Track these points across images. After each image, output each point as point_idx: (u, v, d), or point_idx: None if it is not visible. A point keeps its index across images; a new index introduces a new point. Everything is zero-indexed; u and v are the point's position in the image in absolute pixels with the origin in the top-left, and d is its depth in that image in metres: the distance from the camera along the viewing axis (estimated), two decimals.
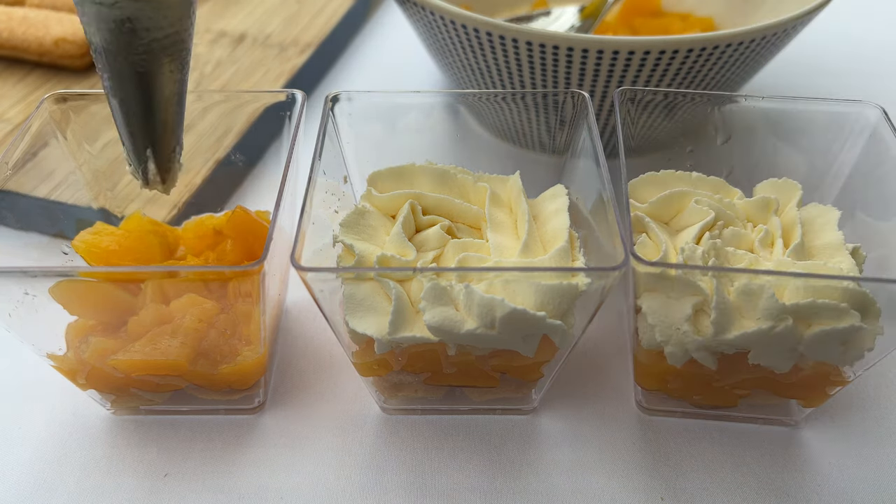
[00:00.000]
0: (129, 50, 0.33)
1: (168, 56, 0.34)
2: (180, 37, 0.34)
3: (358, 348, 0.37)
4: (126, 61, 0.33)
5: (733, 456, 0.40)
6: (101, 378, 0.38)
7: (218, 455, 0.40)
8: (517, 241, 0.38)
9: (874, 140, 0.42)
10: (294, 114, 0.43)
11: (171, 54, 0.34)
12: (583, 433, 0.41)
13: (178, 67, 0.35)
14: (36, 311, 0.35)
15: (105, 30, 0.32)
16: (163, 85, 0.34)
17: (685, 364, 0.37)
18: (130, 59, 0.33)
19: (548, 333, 0.34)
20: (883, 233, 0.40)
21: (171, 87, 0.35)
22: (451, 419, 0.42)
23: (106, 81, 0.34)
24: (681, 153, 0.46)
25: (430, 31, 0.54)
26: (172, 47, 0.34)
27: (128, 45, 0.33)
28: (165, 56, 0.34)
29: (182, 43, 0.34)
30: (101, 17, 0.32)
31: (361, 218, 0.39)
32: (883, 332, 0.34)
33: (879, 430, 0.41)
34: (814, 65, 0.74)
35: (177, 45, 0.34)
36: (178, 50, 0.34)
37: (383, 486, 0.38)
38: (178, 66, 0.35)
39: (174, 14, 0.33)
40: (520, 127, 0.53)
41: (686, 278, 0.35)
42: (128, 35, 0.32)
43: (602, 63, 0.48)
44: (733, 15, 0.66)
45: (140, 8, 0.32)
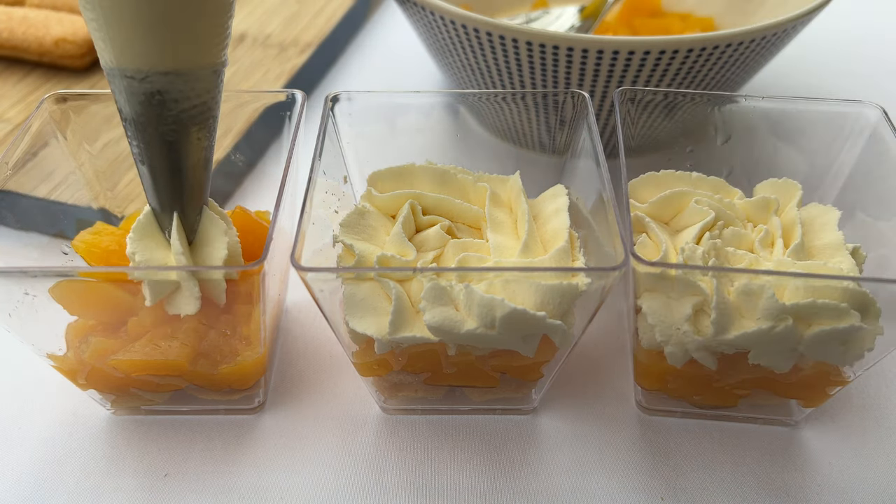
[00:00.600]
0: (159, 121, 0.33)
1: (196, 125, 0.34)
2: (208, 106, 0.35)
3: (358, 348, 0.37)
4: (156, 131, 0.34)
5: (733, 456, 0.40)
6: (101, 378, 0.38)
7: (218, 455, 0.40)
8: (517, 241, 0.38)
9: (874, 140, 0.42)
10: (294, 114, 0.43)
11: (198, 123, 0.34)
12: (583, 433, 0.41)
13: (205, 135, 0.35)
14: (36, 311, 0.35)
15: (136, 102, 0.33)
16: (190, 152, 0.35)
17: (685, 364, 0.37)
18: (160, 129, 0.34)
19: (548, 333, 0.34)
20: (883, 233, 0.40)
21: (199, 153, 0.35)
22: (451, 419, 0.42)
23: (135, 149, 0.35)
24: (681, 153, 0.46)
25: (430, 31, 0.54)
26: (200, 116, 0.34)
27: (157, 116, 0.33)
28: (193, 125, 0.34)
29: (210, 111, 0.35)
30: (131, 90, 0.33)
31: (361, 218, 0.39)
32: (883, 332, 0.34)
33: (879, 430, 0.41)
34: (814, 65, 0.74)
35: (204, 114, 0.35)
36: (206, 118, 0.35)
37: (383, 486, 0.38)
38: (206, 133, 0.35)
39: (203, 86, 0.34)
40: (520, 127, 0.53)
41: (686, 278, 0.35)
42: (158, 107, 0.33)
43: (602, 63, 0.48)
44: (733, 15, 0.66)
45: (170, 81, 0.32)
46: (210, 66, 0.33)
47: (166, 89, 0.33)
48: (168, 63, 0.32)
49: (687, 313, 0.35)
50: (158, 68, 0.32)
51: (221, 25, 0.33)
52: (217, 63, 0.34)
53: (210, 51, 0.33)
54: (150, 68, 0.32)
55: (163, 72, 0.32)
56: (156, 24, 0.31)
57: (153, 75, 0.32)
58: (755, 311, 0.34)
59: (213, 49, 0.33)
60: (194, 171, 0.36)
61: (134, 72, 0.32)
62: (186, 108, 0.34)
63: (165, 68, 0.32)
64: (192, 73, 0.33)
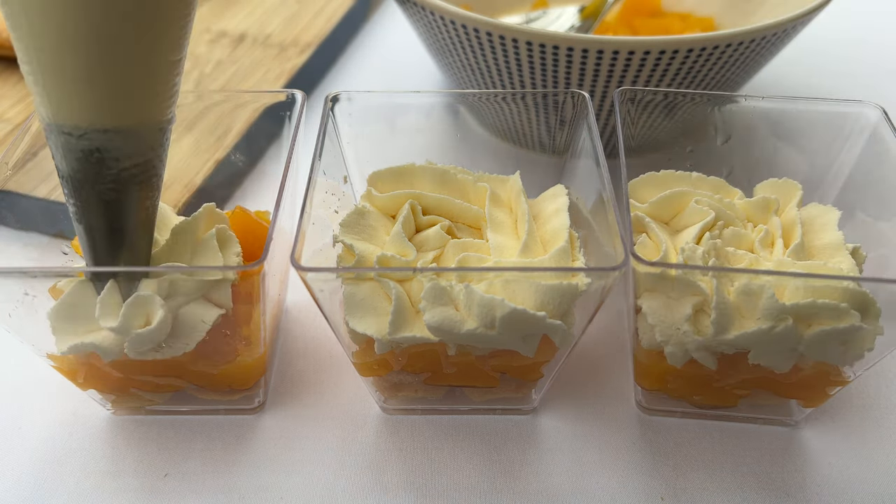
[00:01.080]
0: (97, 179, 0.31)
1: (137, 184, 0.32)
2: (152, 164, 0.33)
3: (358, 348, 0.37)
4: (93, 190, 0.32)
5: (733, 456, 0.40)
6: (101, 378, 0.38)
7: (218, 455, 0.40)
8: (517, 241, 0.38)
9: (874, 140, 0.42)
10: (294, 114, 0.43)
11: (140, 182, 0.33)
12: (583, 433, 0.41)
13: (148, 194, 0.33)
14: (36, 311, 0.35)
15: (73, 159, 0.31)
16: (131, 212, 0.33)
17: (685, 364, 0.37)
18: (98, 188, 0.32)
19: (548, 333, 0.34)
20: (883, 233, 0.40)
21: (141, 213, 0.34)
22: (451, 419, 0.42)
23: (71, 207, 0.33)
24: (681, 153, 0.46)
25: (430, 31, 0.54)
26: (142, 175, 0.32)
27: (96, 175, 0.31)
28: (135, 184, 0.32)
29: (154, 169, 0.33)
30: (68, 146, 0.31)
31: (361, 218, 0.39)
32: (883, 332, 0.34)
33: (879, 430, 0.41)
34: (814, 65, 0.74)
35: (147, 172, 0.33)
36: (149, 177, 0.33)
37: (383, 486, 0.38)
38: (149, 192, 0.33)
39: (146, 143, 0.32)
40: (520, 127, 0.53)
41: (686, 278, 0.35)
42: (96, 165, 0.31)
43: (602, 63, 0.48)
44: (733, 15, 0.66)
45: (110, 139, 0.30)
46: (155, 125, 0.32)
47: (106, 147, 0.31)
48: (108, 120, 0.30)
49: (687, 313, 0.35)
50: (97, 125, 0.30)
51: (168, 83, 0.31)
52: (162, 121, 0.32)
53: (155, 108, 0.31)
54: (88, 125, 0.30)
55: (102, 129, 0.30)
56: (96, 79, 0.29)
57: (91, 132, 0.30)
58: (755, 311, 0.34)
59: (158, 107, 0.31)
60: (135, 232, 0.34)
61: (71, 128, 0.30)
62: (128, 167, 0.32)
63: (104, 126, 0.30)
64: (134, 130, 0.31)
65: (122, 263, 0.34)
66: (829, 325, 0.33)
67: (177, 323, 0.35)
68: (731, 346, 0.35)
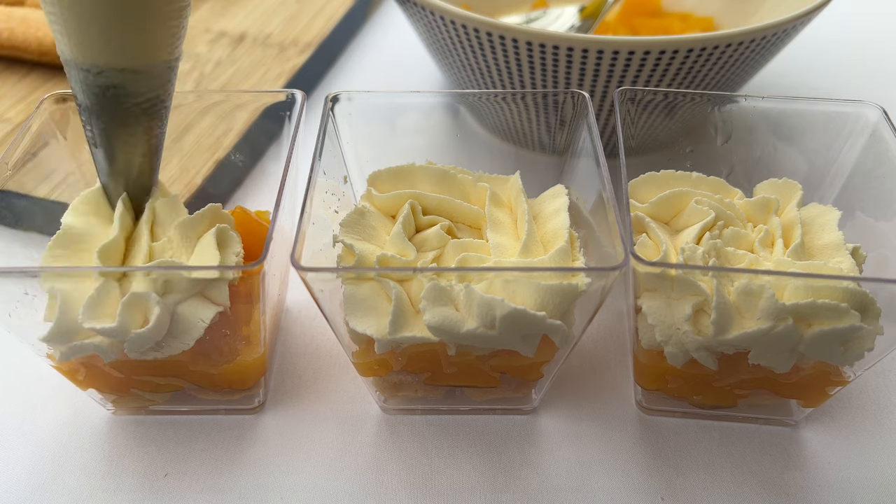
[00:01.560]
0: (113, 111, 0.34)
1: (148, 116, 0.35)
2: (160, 98, 0.36)
3: (358, 348, 0.37)
4: (109, 120, 0.35)
5: (733, 456, 0.40)
6: (101, 378, 0.38)
7: (218, 455, 0.40)
8: (517, 241, 0.38)
9: (874, 140, 0.42)
10: (294, 114, 0.43)
11: (151, 114, 0.36)
12: (583, 433, 0.41)
13: (157, 124, 0.36)
14: (36, 311, 0.35)
15: (90, 94, 0.34)
16: (143, 140, 0.36)
17: (685, 364, 0.37)
18: (114, 118, 0.35)
19: (548, 333, 0.34)
20: (883, 233, 0.40)
21: (152, 140, 0.37)
22: (451, 419, 0.42)
23: (88, 132, 0.36)
24: (681, 153, 0.46)
25: (430, 31, 0.54)
26: (153, 109, 0.35)
27: (112, 107, 0.34)
28: (146, 116, 0.35)
29: (162, 103, 0.36)
30: (86, 82, 0.33)
31: (361, 218, 0.39)
32: (883, 332, 0.34)
33: (879, 430, 0.41)
34: (814, 65, 0.74)
35: (156, 106, 0.36)
36: (158, 109, 0.36)
37: (383, 486, 0.38)
38: (158, 122, 0.36)
39: (157, 81, 0.35)
40: (520, 127, 0.53)
41: (686, 278, 0.35)
42: (112, 100, 0.34)
43: (602, 63, 0.48)
44: (733, 15, 0.66)
45: (125, 77, 0.33)
46: (165, 63, 0.34)
47: (121, 84, 0.33)
48: (124, 60, 0.33)
49: (687, 313, 0.35)
50: (114, 65, 0.33)
51: (178, 25, 0.34)
52: (171, 59, 0.35)
53: (166, 48, 0.34)
54: (105, 64, 0.33)
55: (118, 68, 0.33)
56: (113, 23, 0.31)
57: (108, 71, 0.33)
58: (755, 311, 0.34)
59: (168, 46, 0.34)
60: (146, 157, 0.37)
61: (90, 66, 0.33)
62: (140, 102, 0.35)
63: (121, 65, 0.33)
64: (146, 69, 0.34)
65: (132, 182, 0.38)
66: (829, 325, 0.33)
67: (175, 321, 0.35)
68: (731, 346, 0.35)
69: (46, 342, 0.35)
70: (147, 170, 0.38)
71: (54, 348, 0.35)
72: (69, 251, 0.36)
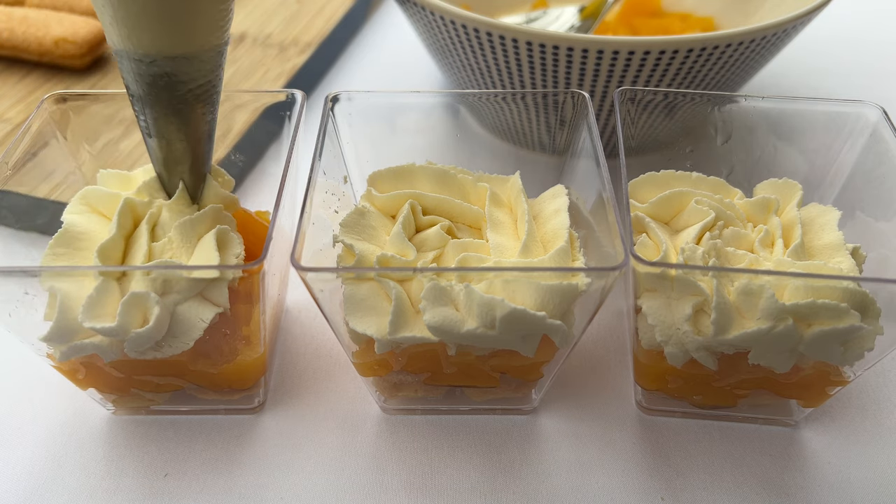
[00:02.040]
0: (167, 99, 0.35)
1: (201, 102, 0.36)
2: (212, 83, 0.36)
3: (358, 348, 0.37)
4: (162, 108, 0.35)
5: (733, 456, 0.40)
6: (101, 378, 0.38)
7: (218, 455, 0.40)
8: (517, 241, 0.38)
9: (874, 140, 0.42)
10: (294, 114, 0.43)
11: (204, 100, 0.36)
12: (583, 433, 0.41)
13: (209, 109, 0.37)
14: (36, 311, 0.35)
15: (143, 83, 0.34)
16: (195, 126, 0.36)
17: (685, 364, 0.37)
18: (166, 106, 0.35)
19: (548, 333, 0.34)
20: (883, 233, 0.40)
21: (203, 126, 0.37)
22: (451, 419, 0.42)
23: (142, 122, 0.36)
24: (681, 153, 0.46)
25: (430, 31, 0.54)
26: (205, 94, 0.36)
27: (165, 96, 0.34)
28: (198, 102, 0.36)
29: (214, 88, 0.36)
30: (139, 71, 0.34)
31: (361, 218, 0.39)
32: (883, 332, 0.34)
33: (879, 430, 0.41)
34: (814, 65, 0.74)
35: (209, 91, 0.36)
36: (210, 94, 0.36)
37: (383, 486, 0.38)
38: (210, 108, 0.37)
39: (208, 66, 0.35)
40: (520, 127, 0.53)
41: (686, 278, 0.35)
42: (165, 88, 0.34)
43: (602, 63, 0.48)
44: (733, 15, 0.66)
45: (178, 65, 0.33)
46: (215, 48, 0.34)
47: (174, 72, 0.34)
48: (176, 48, 0.33)
49: (687, 313, 0.35)
50: (166, 53, 0.33)
51: (226, 8, 0.34)
52: (221, 43, 0.35)
53: (216, 33, 0.34)
54: (157, 53, 0.33)
55: (171, 56, 0.33)
56: (165, 11, 0.31)
57: (161, 59, 0.33)
58: (755, 311, 0.34)
59: (218, 31, 0.34)
60: (199, 143, 0.37)
61: (142, 56, 0.33)
62: (193, 88, 0.35)
63: (174, 53, 0.33)
64: (198, 55, 0.34)
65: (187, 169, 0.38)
66: (829, 325, 0.33)
67: (175, 321, 0.35)
68: (731, 346, 0.35)
69: (46, 342, 0.35)
70: (201, 156, 0.38)
71: (54, 348, 0.35)
72: (70, 249, 0.36)
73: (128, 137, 0.50)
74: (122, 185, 0.41)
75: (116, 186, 0.41)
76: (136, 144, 0.51)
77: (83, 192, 0.39)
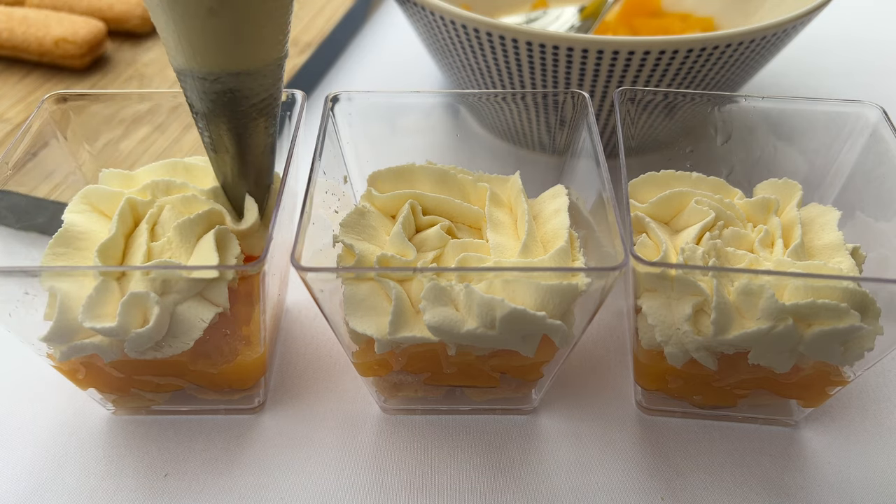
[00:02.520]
0: (230, 115, 0.35)
1: (263, 115, 0.36)
2: (273, 97, 0.36)
3: (358, 348, 0.37)
4: (227, 123, 0.35)
5: (733, 456, 0.40)
6: (101, 378, 0.38)
7: (218, 455, 0.40)
8: (517, 241, 0.38)
9: (874, 140, 0.42)
10: (294, 114, 0.43)
11: (266, 113, 0.36)
12: (583, 433, 0.41)
13: (271, 123, 0.37)
14: (36, 311, 0.35)
15: (207, 100, 0.34)
16: (258, 140, 0.37)
17: (685, 364, 0.37)
18: (231, 122, 0.35)
19: (548, 333, 0.34)
20: (883, 233, 0.40)
21: (266, 139, 0.37)
22: (451, 419, 0.42)
23: (206, 139, 0.37)
24: (681, 153, 0.46)
25: (430, 31, 0.54)
26: (267, 108, 0.36)
27: (229, 111, 0.35)
28: (262, 116, 0.36)
29: (275, 101, 0.37)
30: (203, 89, 0.34)
31: (361, 218, 0.39)
32: (883, 332, 0.34)
33: (879, 430, 0.41)
34: (814, 65, 0.74)
35: (270, 105, 0.36)
36: (272, 108, 0.37)
37: (383, 486, 0.38)
38: (272, 121, 0.37)
39: (269, 81, 0.35)
40: (520, 127, 0.53)
41: (686, 278, 0.35)
42: (229, 104, 0.35)
43: (602, 63, 0.48)
44: (733, 15, 0.66)
45: (241, 81, 0.34)
46: (275, 62, 0.35)
47: (237, 88, 0.34)
48: (239, 64, 0.33)
49: (687, 313, 0.35)
50: (230, 69, 0.33)
51: (285, 23, 0.34)
52: (281, 56, 0.35)
53: (276, 47, 0.34)
54: (221, 70, 0.33)
55: (234, 73, 0.33)
56: (228, 31, 0.32)
57: (225, 76, 0.33)
58: (755, 311, 0.34)
59: (277, 45, 0.34)
60: (262, 156, 0.38)
61: (206, 74, 0.33)
62: (256, 103, 0.35)
63: (237, 69, 0.33)
64: (260, 70, 0.34)
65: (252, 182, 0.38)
66: (829, 325, 0.33)
67: (175, 321, 0.35)
68: (731, 346, 0.35)
69: (46, 342, 0.35)
70: (266, 168, 0.38)
71: (54, 348, 0.35)
72: (70, 249, 0.36)
73: (128, 137, 0.50)
74: (125, 185, 0.41)
75: (118, 186, 0.41)
76: (137, 144, 0.51)
77: (85, 191, 0.39)
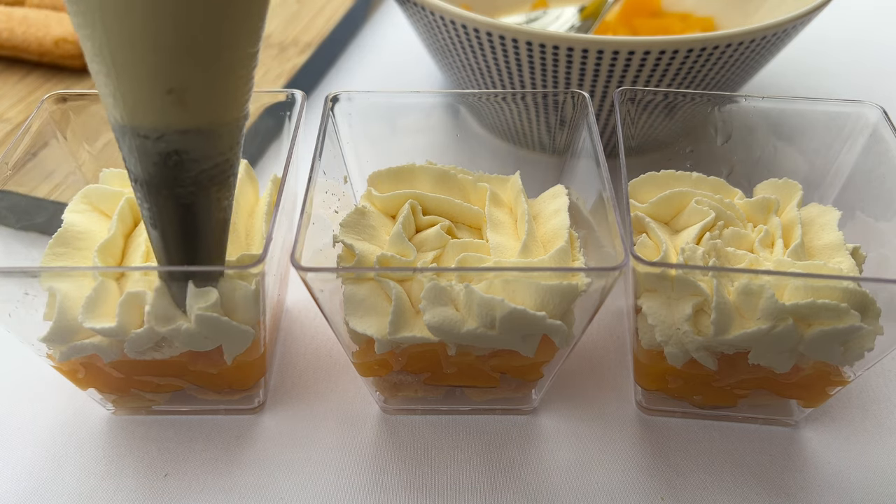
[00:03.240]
0: (175, 182, 0.29)
1: (216, 185, 0.31)
2: (230, 163, 0.31)
3: (358, 348, 0.37)
4: (171, 193, 0.30)
5: (733, 456, 0.40)
6: (101, 378, 0.38)
7: (218, 455, 0.40)
8: (517, 242, 0.38)
9: (874, 140, 0.42)
10: (294, 114, 0.43)
11: (219, 183, 0.31)
12: (583, 433, 0.41)
13: (225, 194, 0.32)
14: (36, 311, 0.35)
15: (149, 163, 0.29)
16: (209, 214, 0.31)
17: (685, 364, 0.37)
18: (175, 191, 0.30)
19: (548, 333, 0.34)
20: (883, 233, 0.40)
21: (218, 214, 0.32)
22: (451, 419, 0.42)
23: (146, 212, 0.31)
24: (681, 153, 0.46)
25: (430, 31, 0.54)
26: (221, 176, 0.31)
27: (174, 178, 0.29)
28: (214, 185, 0.31)
29: (231, 168, 0.31)
30: (144, 150, 0.29)
31: (362, 218, 0.39)
32: (883, 332, 0.34)
33: (879, 430, 0.41)
34: (814, 65, 0.74)
35: (225, 172, 0.31)
36: (227, 177, 0.31)
37: (383, 486, 0.38)
38: (226, 192, 0.32)
39: (224, 142, 0.30)
40: (520, 127, 0.53)
41: (686, 278, 0.35)
42: (174, 168, 0.29)
43: (602, 63, 0.48)
44: (733, 15, 0.66)
45: (189, 140, 0.28)
46: (234, 122, 0.30)
47: (185, 149, 0.29)
48: (187, 120, 0.28)
49: (687, 313, 0.35)
50: (176, 126, 0.28)
51: (247, 77, 0.29)
52: (240, 117, 0.30)
53: (233, 105, 0.29)
54: (166, 126, 0.28)
55: (181, 130, 0.28)
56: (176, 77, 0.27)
57: (170, 134, 0.28)
58: (755, 311, 0.34)
59: (236, 102, 0.29)
60: (211, 235, 0.32)
61: (148, 130, 0.28)
62: (207, 168, 0.30)
63: (184, 126, 0.28)
64: (213, 130, 0.29)
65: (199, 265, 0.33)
66: (829, 325, 0.33)
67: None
68: (731, 346, 0.35)
69: (46, 342, 0.35)
70: (215, 250, 0.33)
71: (54, 348, 0.35)
72: (70, 249, 0.36)
73: None
74: (125, 185, 0.41)
75: (119, 186, 0.41)
76: None
77: (85, 191, 0.39)
